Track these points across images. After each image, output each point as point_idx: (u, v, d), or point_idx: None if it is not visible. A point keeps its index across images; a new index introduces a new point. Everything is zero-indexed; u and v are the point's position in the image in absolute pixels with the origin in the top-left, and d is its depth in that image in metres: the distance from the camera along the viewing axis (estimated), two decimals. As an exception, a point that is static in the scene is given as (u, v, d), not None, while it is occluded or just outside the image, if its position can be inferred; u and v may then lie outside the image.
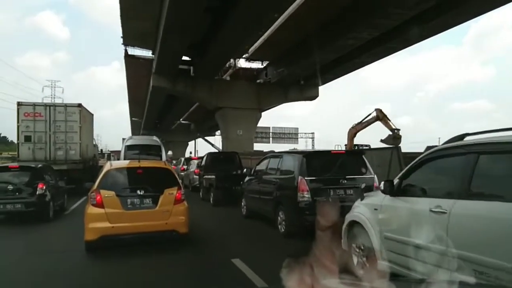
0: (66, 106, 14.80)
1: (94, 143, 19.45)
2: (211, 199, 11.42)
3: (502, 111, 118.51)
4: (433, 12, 13.15)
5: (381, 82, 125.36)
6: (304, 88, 25.88)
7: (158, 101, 32.28)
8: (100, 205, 5.69)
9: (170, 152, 45.50)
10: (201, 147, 55.30)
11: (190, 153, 55.58)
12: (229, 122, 25.10)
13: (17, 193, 8.56)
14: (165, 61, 20.74)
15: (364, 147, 17.80)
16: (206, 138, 43.84)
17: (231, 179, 11.13)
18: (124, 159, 13.45)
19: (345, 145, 19.86)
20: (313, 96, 26.66)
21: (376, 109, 17.78)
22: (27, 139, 14.08)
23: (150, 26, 18.87)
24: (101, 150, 29.50)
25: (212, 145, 40.51)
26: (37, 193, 8.56)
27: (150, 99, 31.39)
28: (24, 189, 8.65)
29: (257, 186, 8.03)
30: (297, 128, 50.04)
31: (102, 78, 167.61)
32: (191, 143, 57.53)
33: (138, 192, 5.86)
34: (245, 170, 8.57)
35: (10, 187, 8.58)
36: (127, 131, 67.36)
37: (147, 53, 24.13)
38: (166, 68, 22.14)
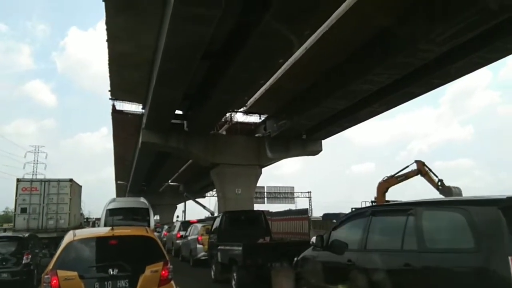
0: (59, 181, 16.88)
1: (80, 212, 20.57)
2: (234, 282, 7.89)
3: (482, 168, 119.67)
4: (466, 49, 11.71)
5: (364, 142, 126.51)
6: (306, 142, 24.05)
7: (147, 160, 29.91)
8: None
9: (157, 217, 42.27)
10: (190, 211, 51.72)
11: (177, 217, 52.15)
12: (227, 180, 22.66)
13: (4, 263, 9.02)
14: (157, 114, 18.77)
15: None
16: (197, 200, 40.90)
17: (266, 251, 7.73)
18: (105, 226, 11.50)
19: (372, 201, 17.56)
20: (316, 151, 24.73)
21: (417, 162, 15.52)
22: (23, 210, 15.96)
23: (141, 76, 17.14)
24: (87, 218, 29.80)
25: (204, 207, 37.64)
26: (23, 262, 8.88)
27: (138, 158, 29.02)
28: (10, 259, 9.13)
29: (346, 268, 4.42)
30: (293, 187, 47.80)
31: (89, 144, 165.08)
32: (179, 206, 54.18)
33: (110, 271, 4.49)
34: (314, 238, 5.22)
35: None
36: (112, 195, 63.76)
37: (136, 108, 22.29)
38: (158, 122, 20.13)
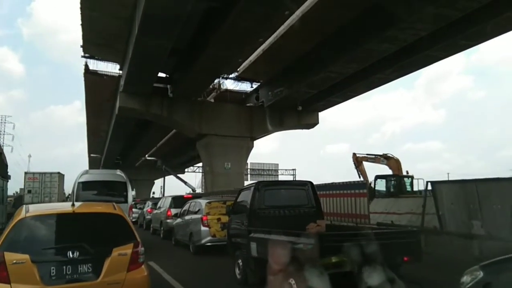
0: (51, 174, 25.56)
1: (63, 191, 27.63)
2: None
3: (452, 151, 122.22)
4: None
5: (338, 123, 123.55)
6: (302, 114, 22.08)
7: (124, 130, 27.19)
8: (3, 278, 3.56)
9: (133, 192, 39.99)
10: (168, 187, 49.20)
11: (153, 193, 49.79)
12: (215, 153, 20.50)
13: None
14: (138, 71, 16.19)
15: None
16: (179, 175, 38.66)
17: (357, 247, 3.67)
18: (77, 201, 9.53)
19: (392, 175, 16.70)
20: (312, 124, 22.88)
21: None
22: (29, 191, 24.62)
23: (120, 25, 14.51)
24: (68, 195, 32.51)
25: (185, 182, 35.45)
26: None
27: (114, 127, 26.29)
28: None
29: None
30: (277, 164, 45.93)
31: (61, 117, 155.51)
32: (157, 182, 51.75)
33: (69, 254, 3.81)
34: None
35: None
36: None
37: (113, 68, 19.58)
38: (138, 83, 17.59)
